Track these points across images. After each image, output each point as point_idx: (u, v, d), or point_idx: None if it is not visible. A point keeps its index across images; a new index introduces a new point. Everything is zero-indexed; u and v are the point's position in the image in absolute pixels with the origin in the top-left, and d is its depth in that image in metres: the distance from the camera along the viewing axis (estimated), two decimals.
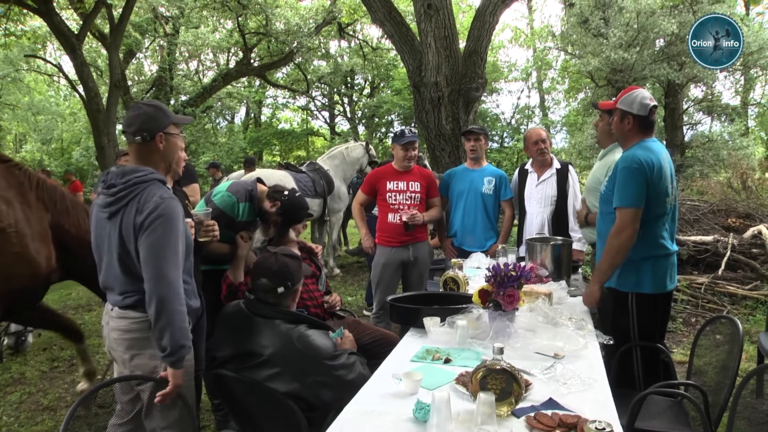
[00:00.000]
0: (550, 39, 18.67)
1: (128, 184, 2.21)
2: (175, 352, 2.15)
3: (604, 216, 3.13)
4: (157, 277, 2.13)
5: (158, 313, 2.13)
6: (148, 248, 2.14)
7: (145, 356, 2.30)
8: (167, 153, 2.38)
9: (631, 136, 3.07)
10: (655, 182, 2.90)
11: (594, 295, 3.09)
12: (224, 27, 19.60)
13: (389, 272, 4.46)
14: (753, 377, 2.51)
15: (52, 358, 5.18)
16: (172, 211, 2.19)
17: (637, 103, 3.02)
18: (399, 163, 4.42)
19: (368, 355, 2.88)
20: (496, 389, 1.89)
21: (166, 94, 17.47)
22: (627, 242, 2.88)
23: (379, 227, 4.51)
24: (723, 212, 8.26)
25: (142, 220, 2.15)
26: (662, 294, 3.06)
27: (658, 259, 3.00)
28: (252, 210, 3.35)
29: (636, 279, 3.01)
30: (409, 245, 4.41)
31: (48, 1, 11.58)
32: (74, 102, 23.95)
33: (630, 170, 2.89)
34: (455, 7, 13.08)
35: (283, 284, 2.64)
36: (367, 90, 25.89)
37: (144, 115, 2.31)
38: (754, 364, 4.29)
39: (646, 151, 2.94)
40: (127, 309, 2.29)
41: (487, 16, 6.96)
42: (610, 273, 3.01)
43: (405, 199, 4.39)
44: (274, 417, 2.49)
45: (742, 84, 17.97)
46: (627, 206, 2.89)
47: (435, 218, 4.59)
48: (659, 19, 11.97)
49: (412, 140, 4.32)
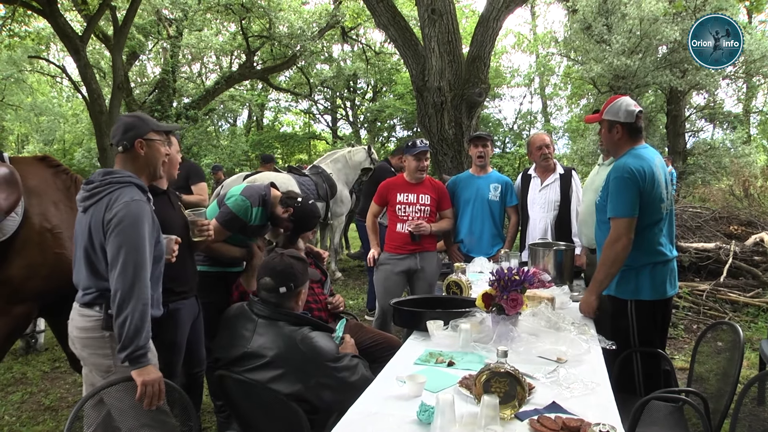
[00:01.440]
0: (553, 45, 18.76)
1: (104, 182, 2.32)
2: (128, 347, 2.17)
3: (601, 225, 3.14)
4: (122, 274, 2.19)
5: (119, 308, 2.18)
6: (114, 246, 2.22)
7: (100, 355, 2.34)
8: (150, 158, 2.48)
9: (621, 145, 3.08)
10: (648, 190, 2.91)
11: (591, 304, 3.09)
12: (227, 30, 19.64)
13: (393, 278, 4.41)
14: (754, 384, 2.51)
15: (54, 359, 5.19)
16: (139, 213, 2.27)
17: (622, 110, 3.03)
18: (411, 175, 4.38)
19: (370, 358, 2.89)
20: (500, 392, 1.90)
21: (168, 97, 17.49)
22: (622, 252, 2.90)
23: (388, 236, 4.49)
24: (725, 219, 8.26)
25: (110, 218, 2.23)
26: (662, 300, 3.07)
27: (656, 265, 3.01)
28: (264, 215, 3.37)
29: (635, 286, 3.01)
30: (417, 254, 4.37)
31: (53, 3, 11.63)
32: (77, 103, 24.01)
33: (622, 180, 2.90)
34: (459, 12, 13.11)
35: (286, 285, 2.64)
36: (370, 94, 25.94)
37: (124, 125, 2.44)
38: (755, 371, 4.30)
39: (637, 159, 2.95)
40: (85, 307, 2.34)
41: (490, 22, 6.98)
42: (607, 283, 3.02)
43: (415, 212, 4.36)
44: (277, 419, 2.49)
45: (745, 92, 18.01)
46: (621, 216, 2.90)
47: (444, 229, 4.54)
48: (662, 26, 11.99)
49: (424, 150, 4.29)
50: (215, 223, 3.25)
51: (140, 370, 2.21)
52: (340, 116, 26.91)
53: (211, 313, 3.11)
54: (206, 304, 3.28)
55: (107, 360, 2.33)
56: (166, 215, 2.75)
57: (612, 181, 2.95)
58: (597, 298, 3.07)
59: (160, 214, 2.69)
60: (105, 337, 2.31)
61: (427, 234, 4.31)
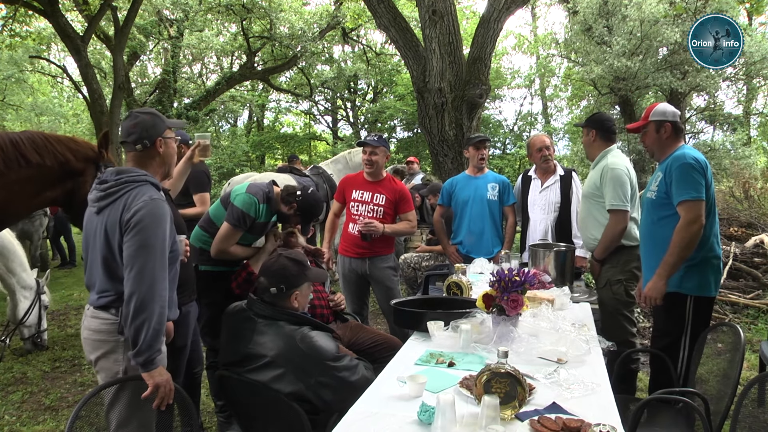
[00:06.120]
0: (554, 46, 18.75)
1: (119, 182, 2.23)
2: (145, 352, 2.12)
3: (657, 222, 3.15)
4: (140, 275, 2.10)
5: (136, 312, 2.09)
6: (132, 246, 2.13)
7: (110, 360, 2.28)
8: (166, 157, 2.43)
9: (670, 143, 3.19)
10: (709, 179, 3.01)
11: (660, 289, 3.06)
12: (228, 30, 19.63)
13: (350, 283, 4.33)
14: (754, 386, 2.52)
15: (54, 358, 5.18)
16: (160, 212, 2.19)
17: (669, 111, 3.19)
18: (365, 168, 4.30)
19: (370, 358, 2.89)
20: (501, 393, 1.91)
21: (169, 97, 17.50)
22: (696, 234, 2.94)
23: (342, 236, 4.37)
24: (725, 221, 8.27)
25: (129, 218, 2.14)
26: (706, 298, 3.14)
27: (711, 260, 3.09)
28: (269, 211, 3.38)
29: (698, 282, 3.07)
30: (366, 258, 4.22)
31: (54, 3, 11.63)
32: (78, 103, 24.02)
33: (689, 166, 2.97)
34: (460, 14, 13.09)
35: (277, 286, 2.63)
36: (370, 95, 25.92)
37: (143, 123, 2.34)
38: (755, 372, 4.29)
39: (693, 151, 3.06)
40: (100, 309, 2.27)
41: (491, 23, 6.98)
42: (678, 266, 3.02)
43: (367, 211, 4.21)
44: (277, 419, 2.49)
45: (745, 93, 18.00)
46: (693, 198, 2.94)
47: (400, 232, 4.37)
48: (662, 27, 11.98)
49: (370, 144, 4.21)
50: (226, 225, 3.26)
51: (152, 372, 2.17)
52: (341, 117, 26.89)
53: (215, 312, 3.12)
54: (210, 304, 3.30)
55: (117, 366, 2.27)
56: (175, 216, 2.77)
57: (676, 169, 3.00)
58: (666, 282, 3.05)
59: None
60: (119, 342, 2.25)
61: (379, 235, 4.11)
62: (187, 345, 2.83)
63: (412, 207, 4.36)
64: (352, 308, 4.38)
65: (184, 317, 2.76)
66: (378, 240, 4.15)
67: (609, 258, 3.71)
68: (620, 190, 3.58)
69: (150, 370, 2.16)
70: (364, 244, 4.16)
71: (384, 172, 4.41)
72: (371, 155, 4.19)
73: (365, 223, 4.07)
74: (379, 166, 4.26)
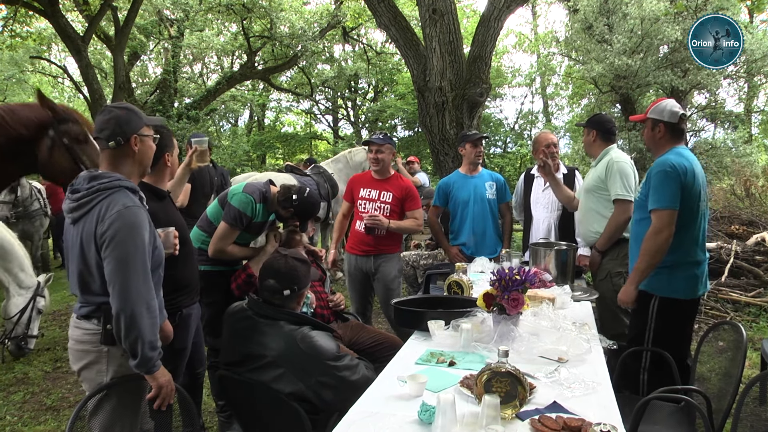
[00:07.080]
0: (554, 45, 18.71)
1: (91, 191, 2.11)
2: (146, 363, 2.11)
3: (638, 222, 3.21)
4: (126, 291, 2.04)
5: (127, 329, 2.05)
6: (111, 263, 2.05)
7: (93, 371, 2.23)
8: (142, 156, 2.28)
9: (663, 144, 3.18)
10: (689, 185, 2.98)
11: (631, 294, 3.15)
12: (229, 30, 19.62)
13: (355, 281, 4.36)
14: (756, 384, 2.51)
15: (55, 359, 5.19)
16: (135, 220, 2.09)
17: (667, 111, 3.14)
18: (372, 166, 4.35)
19: (371, 358, 2.89)
20: (501, 392, 1.90)
21: (170, 97, 17.49)
22: (664, 243, 2.96)
23: (349, 233, 4.41)
24: (726, 219, 8.27)
25: (103, 231, 2.05)
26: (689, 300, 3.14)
27: (690, 265, 3.08)
28: (266, 211, 3.39)
29: (666, 282, 3.08)
30: (372, 256, 4.24)
31: (54, 3, 11.63)
32: (78, 103, 23.98)
33: (664, 173, 2.98)
34: (460, 12, 13.06)
35: (290, 287, 2.65)
36: (371, 94, 25.90)
37: (116, 119, 2.19)
38: (757, 371, 4.30)
39: (678, 156, 3.04)
40: (82, 319, 2.22)
41: (491, 22, 6.98)
42: (647, 273, 3.07)
43: (374, 209, 4.24)
44: (278, 419, 2.49)
45: (746, 91, 17.96)
46: (663, 207, 2.96)
47: (406, 228, 4.38)
48: (663, 25, 11.95)
49: (377, 142, 4.24)
50: (223, 224, 3.27)
51: (155, 374, 2.16)
52: (342, 116, 26.88)
53: (215, 312, 3.12)
54: (210, 304, 3.29)
55: (100, 377, 2.22)
56: (177, 218, 2.77)
57: (654, 176, 3.03)
58: (636, 288, 3.13)
59: (169, 216, 2.70)
60: (102, 352, 2.20)
61: (384, 229, 4.13)
62: (187, 348, 2.82)
63: (419, 205, 4.39)
64: (356, 307, 4.39)
65: (185, 320, 2.75)
66: (384, 238, 4.19)
67: (610, 250, 3.78)
68: (626, 181, 3.69)
69: (153, 373, 2.16)
70: (371, 242, 4.19)
71: (391, 169, 4.44)
72: (377, 153, 4.24)
73: (370, 216, 4.11)
74: (386, 163, 4.32)
